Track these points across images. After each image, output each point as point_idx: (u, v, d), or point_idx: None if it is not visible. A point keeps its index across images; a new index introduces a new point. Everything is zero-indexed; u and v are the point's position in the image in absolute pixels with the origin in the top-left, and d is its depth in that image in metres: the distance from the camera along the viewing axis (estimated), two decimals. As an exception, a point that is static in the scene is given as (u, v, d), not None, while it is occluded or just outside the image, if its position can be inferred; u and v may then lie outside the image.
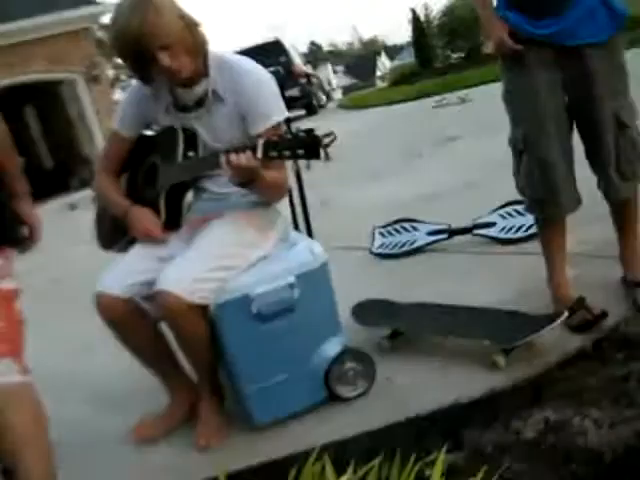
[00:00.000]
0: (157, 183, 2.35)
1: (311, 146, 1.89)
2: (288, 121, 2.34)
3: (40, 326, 2.64)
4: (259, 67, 2.28)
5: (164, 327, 2.31)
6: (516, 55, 2.36)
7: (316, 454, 1.56)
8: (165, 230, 2.34)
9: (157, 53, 2.08)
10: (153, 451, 2.37)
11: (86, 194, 2.82)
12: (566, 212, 2.50)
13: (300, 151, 1.90)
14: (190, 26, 2.16)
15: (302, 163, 2.02)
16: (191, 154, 2.28)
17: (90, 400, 2.93)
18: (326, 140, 1.88)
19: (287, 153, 1.92)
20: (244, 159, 1.98)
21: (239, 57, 2.31)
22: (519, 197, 3.42)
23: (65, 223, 9.36)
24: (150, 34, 2.04)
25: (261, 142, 1.96)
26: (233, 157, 1.99)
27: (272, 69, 2.45)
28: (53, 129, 17.04)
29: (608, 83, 2.32)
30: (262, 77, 2.26)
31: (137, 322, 2.27)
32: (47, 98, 16.43)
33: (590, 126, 2.39)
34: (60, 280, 5.65)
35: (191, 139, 2.29)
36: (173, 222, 2.36)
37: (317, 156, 1.89)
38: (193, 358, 2.29)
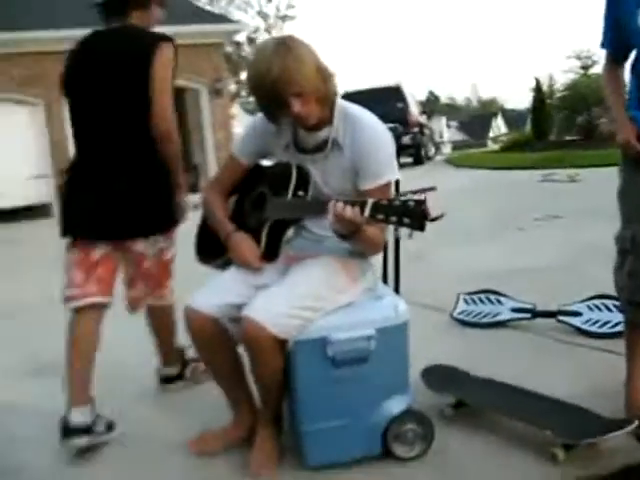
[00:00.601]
0: (264, 213, 2.45)
1: (418, 218, 1.90)
2: (397, 182, 2.41)
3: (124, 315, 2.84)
4: (380, 124, 2.35)
5: (241, 350, 2.39)
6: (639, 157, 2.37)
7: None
8: (262, 260, 2.44)
9: (290, 99, 2.18)
10: (203, 466, 2.44)
11: (188, 200, 2.97)
12: None
13: (406, 220, 1.92)
14: (325, 77, 2.25)
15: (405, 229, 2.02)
16: (301, 193, 2.36)
17: (158, 403, 3.08)
18: (434, 215, 1.91)
19: (393, 219, 1.94)
20: (350, 213, 2.02)
21: (363, 111, 2.38)
22: (610, 291, 3.40)
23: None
24: (287, 82, 2.14)
25: (371, 202, 2.00)
26: (340, 208, 2.04)
27: (391, 125, 2.51)
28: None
29: None
30: (381, 135, 2.32)
31: (221, 343, 2.37)
32: (170, 102, 17.10)
33: None
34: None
35: (304, 178, 2.37)
36: (271, 253, 2.45)
37: (422, 229, 1.91)
38: (262, 386, 2.35)
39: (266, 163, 2.60)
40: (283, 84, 2.15)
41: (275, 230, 2.45)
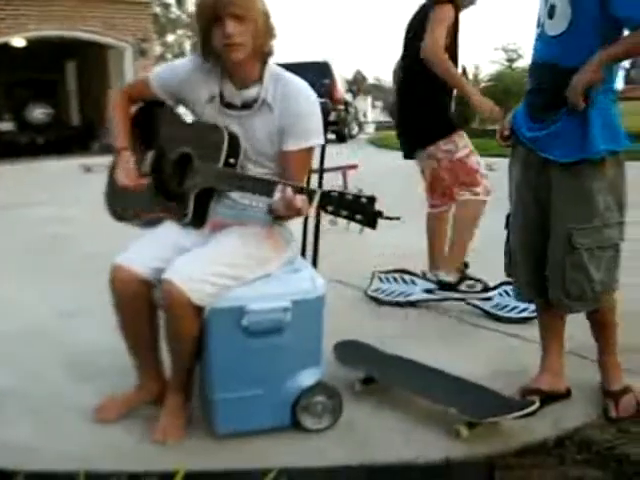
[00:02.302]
0: (194, 178, 2.32)
1: (371, 216, 1.87)
2: (323, 148, 2.40)
3: (35, 279, 2.72)
4: (312, 91, 2.33)
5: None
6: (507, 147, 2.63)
7: (273, 477, 1.60)
8: (189, 226, 2.37)
9: (227, 18, 2.13)
10: (108, 433, 2.38)
11: (103, 161, 2.85)
12: (526, 298, 2.69)
13: (358, 217, 1.87)
14: (268, 28, 2.24)
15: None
16: (232, 161, 2.28)
17: (65, 365, 2.99)
18: (387, 215, 1.88)
19: (344, 213, 1.90)
20: (300, 203, 1.98)
21: (296, 77, 2.35)
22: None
23: (76, 183, 9.45)
24: (230, 1, 2.12)
25: (319, 192, 1.95)
26: (290, 196, 2.00)
27: (322, 100, 2.49)
28: (89, 90, 17.14)
29: (566, 204, 2.34)
30: (312, 99, 2.32)
31: (143, 304, 2.32)
32: (92, 59, 16.56)
33: (547, 235, 2.45)
34: (57, 237, 5.80)
35: (235, 145, 2.30)
36: (199, 220, 2.38)
37: (374, 227, 1.88)
38: (175, 351, 2.32)
39: (189, 120, 2.49)
40: (226, 2, 2.12)
41: (203, 196, 2.35)
